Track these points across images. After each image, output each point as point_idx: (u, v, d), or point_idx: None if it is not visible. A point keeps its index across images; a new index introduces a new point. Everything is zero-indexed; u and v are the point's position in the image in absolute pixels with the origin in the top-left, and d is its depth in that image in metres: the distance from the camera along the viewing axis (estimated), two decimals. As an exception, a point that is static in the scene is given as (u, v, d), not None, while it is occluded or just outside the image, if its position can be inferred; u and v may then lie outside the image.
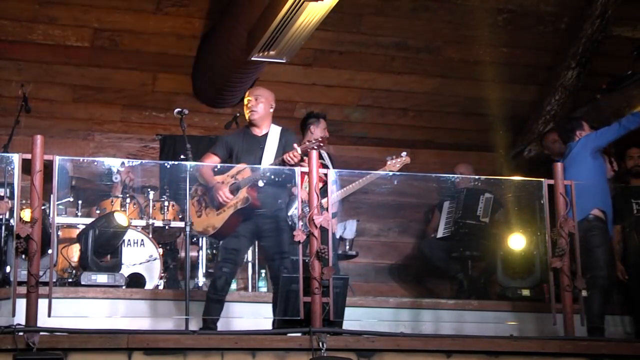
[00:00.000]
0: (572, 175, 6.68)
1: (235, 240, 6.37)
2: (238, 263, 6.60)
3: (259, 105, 6.55)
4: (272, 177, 6.41)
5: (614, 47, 9.31)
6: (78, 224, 7.83)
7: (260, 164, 6.44)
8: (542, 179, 6.54)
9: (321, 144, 6.35)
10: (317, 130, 7.89)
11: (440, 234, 8.83)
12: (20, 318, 5.34)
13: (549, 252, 6.38)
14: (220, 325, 6.56)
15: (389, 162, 7.55)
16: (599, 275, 6.86)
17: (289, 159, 6.28)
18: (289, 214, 7.56)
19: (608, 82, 8.90)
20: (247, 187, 6.37)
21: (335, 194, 7.04)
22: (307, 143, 6.35)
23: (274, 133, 6.58)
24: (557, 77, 9.47)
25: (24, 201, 5.97)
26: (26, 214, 5.65)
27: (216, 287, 6.30)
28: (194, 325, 6.21)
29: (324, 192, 6.10)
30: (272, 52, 7.84)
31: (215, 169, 6.55)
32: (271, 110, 6.63)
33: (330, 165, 7.77)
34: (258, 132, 6.60)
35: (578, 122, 7.40)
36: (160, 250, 7.78)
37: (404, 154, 7.57)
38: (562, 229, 6.29)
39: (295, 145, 6.32)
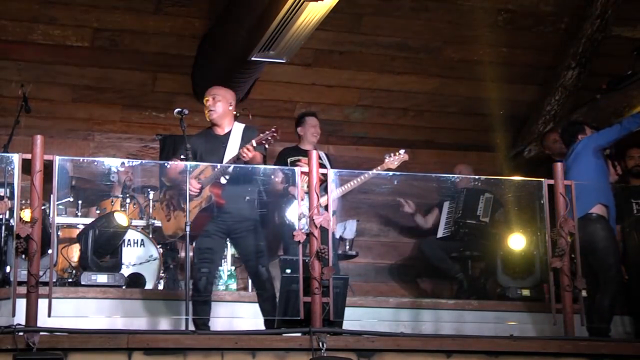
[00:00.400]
0: (574, 175, 6.71)
1: (208, 240, 6.32)
2: (215, 261, 6.58)
3: (216, 104, 6.54)
4: (235, 174, 6.37)
5: (614, 47, 9.31)
6: (78, 224, 7.83)
7: (223, 163, 6.42)
8: (542, 179, 6.55)
9: (275, 134, 6.31)
10: (304, 130, 7.93)
11: (440, 234, 8.84)
12: (20, 318, 5.35)
13: (549, 252, 6.39)
14: (221, 325, 6.57)
15: (387, 160, 7.56)
16: (611, 276, 6.86)
17: (244, 155, 6.26)
18: (288, 222, 7.63)
19: (608, 82, 8.90)
20: (209, 186, 6.34)
21: (334, 192, 7.02)
22: (261, 135, 6.32)
23: (236, 131, 6.56)
24: (557, 77, 9.47)
25: (23, 201, 5.97)
26: (26, 214, 5.65)
27: (199, 289, 6.25)
28: (193, 325, 6.20)
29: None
30: (272, 52, 7.84)
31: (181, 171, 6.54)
32: (230, 108, 6.61)
33: (328, 166, 7.76)
34: (220, 131, 6.58)
35: (580, 126, 7.43)
36: (160, 250, 7.78)
37: (402, 151, 7.58)
38: (562, 229, 6.30)
39: (253, 141, 6.30)
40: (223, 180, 6.37)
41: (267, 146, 6.42)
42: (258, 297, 6.38)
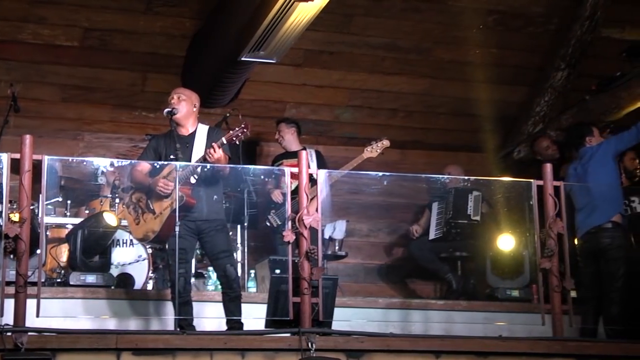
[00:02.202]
0: (599, 180, 6.70)
1: (180, 240, 6.25)
2: (189, 261, 6.58)
3: (181, 103, 6.54)
4: (203, 173, 6.36)
5: (603, 49, 9.34)
6: (67, 224, 7.81)
7: (190, 163, 6.42)
8: (531, 180, 6.56)
9: (245, 130, 6.32)
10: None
11: (432, 236, 8.82)
12: (8, 318, 5.32)
13: (537, 253, 6.40)
14: (210, 326, 6.56)
15: (367, 149, 7.61)
16: (619, 286, 6.94)
17: (209, 156, 6.26)
18: (269, 224, 7.66)
19: (597, 83, 8.93)
20: (179, 186, 6.31)
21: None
22: (231, 132, 6.34)
23: (201, 132, 6.57)
24: (546, 78, 9.50)
25: (12, 201, 5.95)
26: (15, 214, 5.64)
27: (178, 290, 6.21)
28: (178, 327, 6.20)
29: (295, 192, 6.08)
30: (262, 52, 7.83)
31: (149, 172, 6.54)
32: (194, 109, 6.62)
33: (314, 165, 7.78)
34: (184, 131, 6.58)
35: (588, 128, 7.40)
36: (149, 250, 7.76)
37: (383, 138, 7.62)
38: (551, 230, 6.31)
39: (223, 138, 6.32)
40: (192, 180, 6.36)
41: (237, 143, 6.40)
42: (224, 296, 6.38)
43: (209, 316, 6.63)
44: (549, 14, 9.26)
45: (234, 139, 6.31)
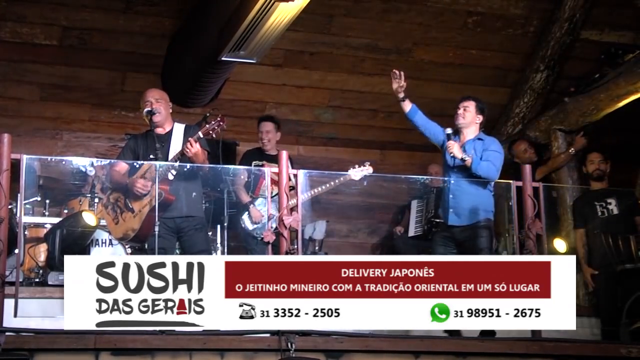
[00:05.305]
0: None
1: (160, 240, 6.24)
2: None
3: (160, 107, 6.60)
4: (181, 169, 6.38)
5: (582, 51, 9.39)
6: (45, 224, 7.78)
7: (167, 160, 6.45)
8: (511, 181, 6.59)
9: (221, 123, 6.34)
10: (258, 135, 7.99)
11: (412, 233, 8.85)
12: (-14, 318, 5.30)
13: (517, 253, 6.42)
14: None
15: (351, 170, 7.62)
16: None
17: (187, 150, 6.28)
18: (243, 225, 7.62)
19: (576, 85, 8.97)
20: (157, 183, 6.32)
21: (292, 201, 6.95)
22: (207, 126, 6.37)
23: (177, 130, 6.62)
24: (525, 79, 9.54)
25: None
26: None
27: None
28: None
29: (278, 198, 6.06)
30: (242, 52, 7.81)
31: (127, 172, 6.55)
32: (170, 109, 6.70)
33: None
34: (161, 131, 6.63)
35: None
36: (129, 250, 7.73)
37: (367, 163, 7.62)
38: (529, 231, 6.33)
39: (200, 132, 6.35)
40: (170, 176, 6.36)
41: (214, 136, 6.40)
42: None
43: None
44: (529, 15, 9.30)
45: (211, 132, 6.33)
